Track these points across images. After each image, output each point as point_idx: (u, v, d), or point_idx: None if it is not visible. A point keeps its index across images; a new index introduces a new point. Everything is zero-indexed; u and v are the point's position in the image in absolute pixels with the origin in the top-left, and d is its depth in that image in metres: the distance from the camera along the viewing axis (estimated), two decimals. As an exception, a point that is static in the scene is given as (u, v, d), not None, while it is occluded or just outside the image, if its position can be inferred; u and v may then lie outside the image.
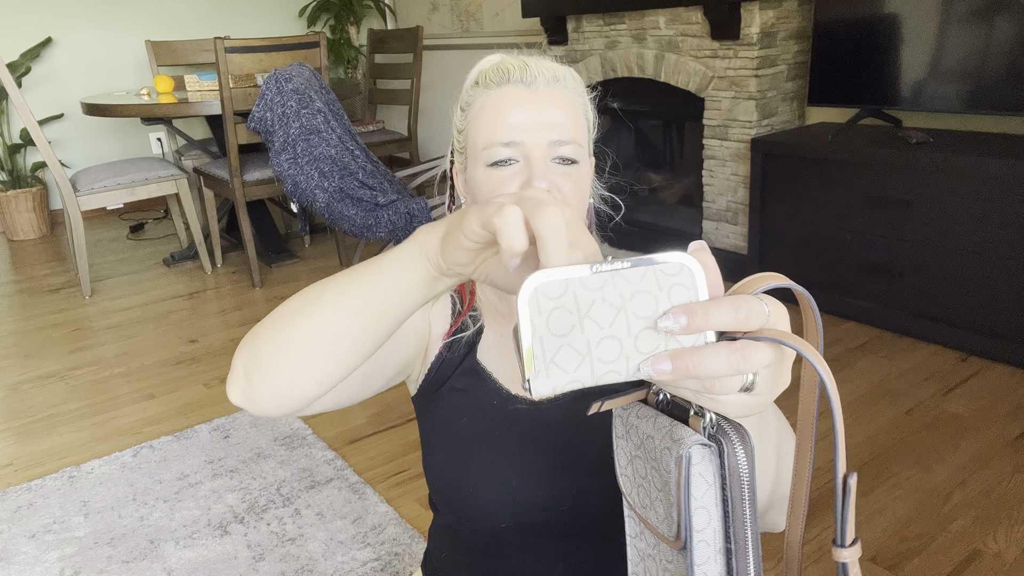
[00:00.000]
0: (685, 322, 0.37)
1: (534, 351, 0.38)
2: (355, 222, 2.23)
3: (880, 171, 2.27)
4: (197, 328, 2.82)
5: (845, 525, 0.42)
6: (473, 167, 0.72)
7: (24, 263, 3.78)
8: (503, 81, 0.71)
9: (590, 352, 0.38)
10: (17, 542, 1.66)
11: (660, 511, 0.44)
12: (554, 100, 0.70)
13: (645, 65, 2.98)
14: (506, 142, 0.69)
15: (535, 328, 0.38)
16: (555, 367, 0.38)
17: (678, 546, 0.43)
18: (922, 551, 1.46)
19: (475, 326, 0.80)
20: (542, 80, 0.70)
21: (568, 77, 0.73)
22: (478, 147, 0.71)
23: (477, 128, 0.72)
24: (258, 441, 2.00)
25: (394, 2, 4.99)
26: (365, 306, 0.51)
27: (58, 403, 2.30)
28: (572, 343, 0.38)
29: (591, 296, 0.38)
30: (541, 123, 0.69)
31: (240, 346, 0.57)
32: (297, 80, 2.28)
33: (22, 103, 2.88)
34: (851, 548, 0.42)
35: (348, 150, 2.26)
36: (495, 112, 0.70)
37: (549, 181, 0.68)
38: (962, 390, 2.02)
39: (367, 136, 3.64)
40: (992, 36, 2.10)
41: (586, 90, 0.76)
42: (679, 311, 0.37)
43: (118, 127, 4.57)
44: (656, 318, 0.38)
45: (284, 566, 1.53)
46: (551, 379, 0.38)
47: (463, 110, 0.75)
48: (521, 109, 0.69)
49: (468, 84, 0.74)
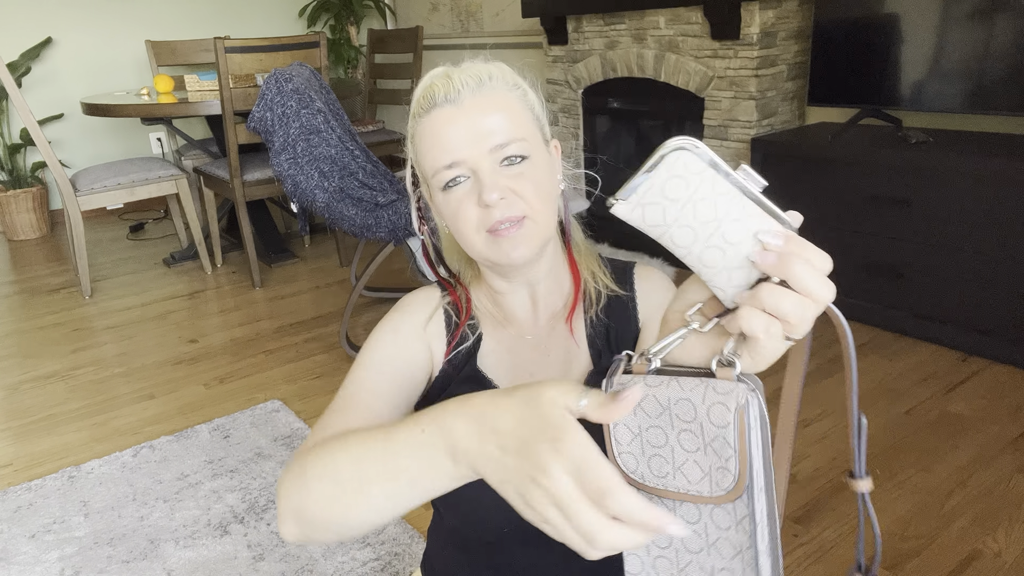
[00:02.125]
0: (782, 244, 0.41)
1: (639, 187, 0.42)
2: (355, 222, 2.22)
3: (880, 171, 2.27)
4: (197, 328, 2.82)
5: (862, 459, 0.47)
6: (434, 193, 0.74)
7: (24, 263, 3.78)
8: (431, 106, 0.71)
9: (669, 225, 0.42)
10: (17, 542, 1.66)
11: (695, 473, 0.45)
12: (483, 106, 0.70)
13: (645, 65, 2.98)
14: (448, 164, 0.70)
15: (654, 176, 0.41)
16: (640, 209, 0.42)
17: (733, 497, 0.44)
18: (922, 551, 1.46)
19: (474, 335, 0.80)
20: (467, 91, 0.70)
21: (496, 76, 0.73)
22: (428, 175, 0.73)
23: (423, 158, 0.73)
24: (258, 441, 2.00)
25: (394, 2, 4.99)
26: (397, 494, 0.51)
27: (58, 403, 2.30)
28: (666, 209, 0.42)
29: (709, 192, 0.41)
30: (475, 134, 0.69)
31: (285, 504, 0.58)
32: (297, 80, 2.28)
33: (22, 103, 2.88)
34: (866, 479, 0.48)
35: (348, 150, 2.25)
36: (432, 139, 0.71)
37: (499, 189, 0.69)
38: (962, 390, 2.02)
39: (367, 136, 3.64)
40: (992, 36, 2.10)
41: (522, 79, 0.76)
42: (782, 234, 0.41)
43: (118, 127, 4.57)
44: (739, 242, 0.41)
45: (284, 566, 1.53)
46: (631, 211, 0.42)
47: (411, 143, 0.76)
48: (453, 128, 0.70)
49: (409, 116, 0.75)
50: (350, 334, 2.63)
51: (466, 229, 0.71)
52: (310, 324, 2.78)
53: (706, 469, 0.44)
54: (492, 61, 0.75)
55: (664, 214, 0.42)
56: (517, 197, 0.70)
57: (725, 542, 0.45)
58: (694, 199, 0.41)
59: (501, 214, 0.69)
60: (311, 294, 3.10)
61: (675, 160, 0.41)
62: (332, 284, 3.20)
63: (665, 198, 0.41)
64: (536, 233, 0.71)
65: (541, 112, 0.77)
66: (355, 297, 2.45)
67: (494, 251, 0.71)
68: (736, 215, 0.41)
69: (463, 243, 0.73)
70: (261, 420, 2.11)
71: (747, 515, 0.44)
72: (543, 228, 0.72)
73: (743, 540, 0.44)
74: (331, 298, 3.03)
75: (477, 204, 0.70)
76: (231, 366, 2.49)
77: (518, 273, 0.76)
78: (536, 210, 0.71)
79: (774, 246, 0.41)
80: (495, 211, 0.69)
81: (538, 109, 0.76)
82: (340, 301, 2.98)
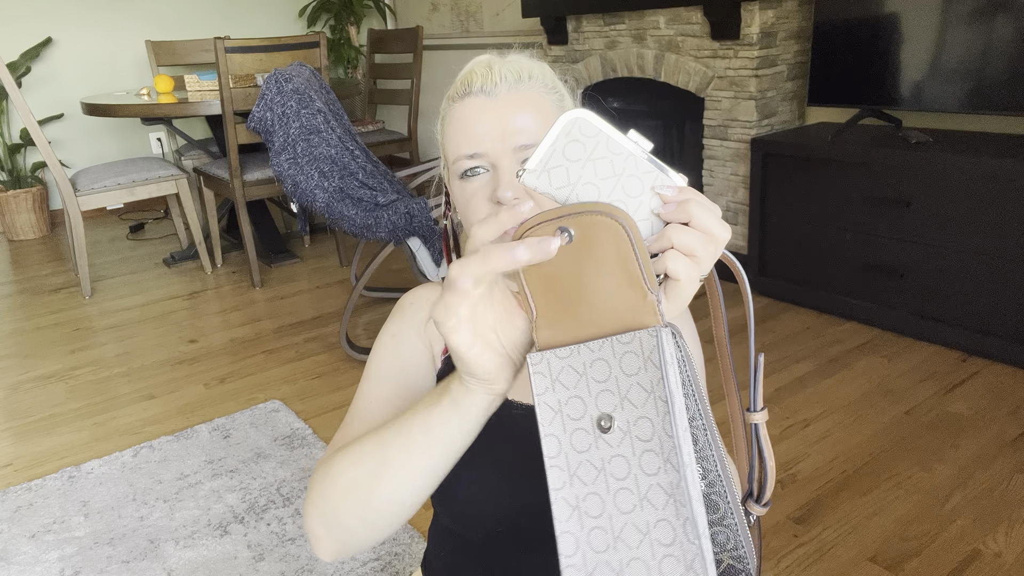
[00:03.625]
0: (677, 193, 0.46)
1: (542, 154, 0.46)
2: (355, 222, 2.22)
3: (880, 171, 2.27)
4: (197, 328, 2.82)
5: (756, 395, 0.53)
6: (451, 179, 0.74)
7: (24, 263, 3.78)
8: (466, 93, 0.71)
9: (574, 184, 0.46)
10: (17, 542, 1.66)
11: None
12: (517, 104, 0.70)
13: (645, 65, 2.98)
14: (470, 154, 0.70)
15: (556, 143, 0.46)
16: (546, 174, 0.47)
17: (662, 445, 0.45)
18: (922, 551, 1.46)
19: None
20: (504, 85, 0.71)
21: (536, 75, 0.73)
22: (450, 160, 0.73)
23: (448, 142, 0.73)
24: (258, 441, 2.00)
25: (394, 2, 4.99)
26: (431, 464, 0.55)
27: (58, 403, 2.30)
28: (568, 169, 0.46)
29: (605, 152, 0.46)
30: (503, 130, 0.69)
31: (313, 516, 0.61)
32: (297, 80, 2.28)
33: (22, 103, 2.88)
34: (760, 412, 0.53)
35: (348, 150, 2.25)
36: (460, 125, 0.71)
37: (515, 188, 0.69)
38: (962, 390, 2.02)
39: (367, 136, 3.64)
40: (992, 36, 2.10)
41: (561, 82, 0.76)
42: (676, 186, 0.46)
43: (118, 127, 4.57)
44: (638, 195, 0.46)
45: (284, 566, 1.53)
46: (538, 177, 0.47)
47: (441, 124, 0.76)
48: (483, 119, 0.70)
49: (445, 97, 0.76)
50: (350, 334, 2.63)
51: (474, 220, 0.71)
52: (310, 324, 2.78)
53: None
54: (536, 59, 0.75)
55: (568, 174, 0.46)
56: (531, 199, 0.70)
57: (657, 489, 0.45)
58: (593, 158, 0.46)
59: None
60: (311, 294, 3.10)
61: (572, 126, 0.46)
62: (332, 284, 3.21)
63: (567, 159, 0.46)
64: None
65: None
66: (355, 297, 2.45)
67: None
68: (632, 171, 0.46)
69: (468, 233, 0.74)
70: (261, 420, 2.11)
71: (674, 450, 0.44)
72: None
73: (674, 479, 0.44)
74: (331, 298, 3.03)
75: (490, 199, 0.70)
76: (231, 366, 2.49)
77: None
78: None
79: (671, 195, 0.46)
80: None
81: None
82: (340, 301, 2.98)
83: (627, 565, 0.44)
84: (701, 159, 2.89)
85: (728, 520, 0.51)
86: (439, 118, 0.77)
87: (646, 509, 0.44)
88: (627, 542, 0.45)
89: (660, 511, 0.44)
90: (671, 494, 0.44)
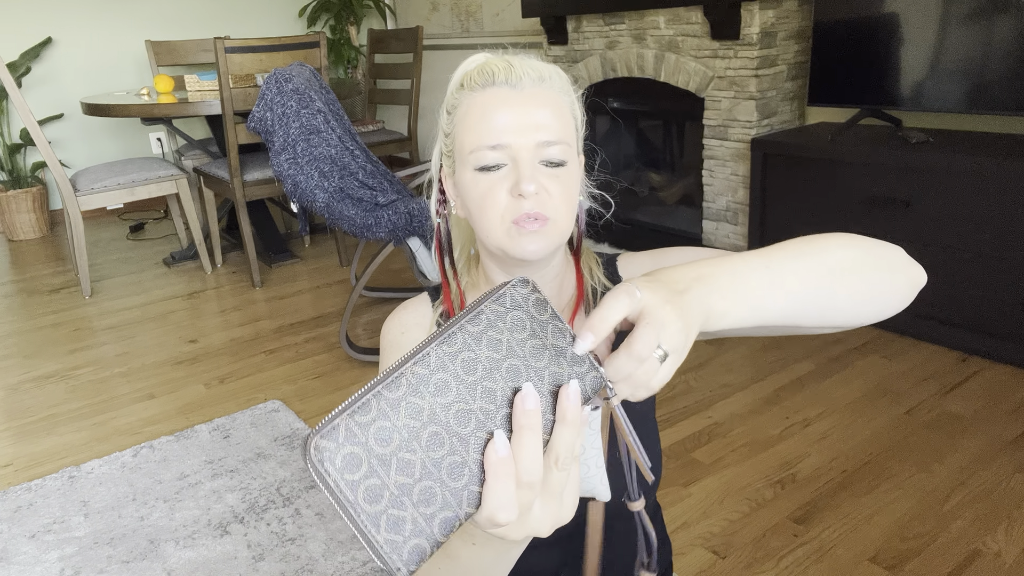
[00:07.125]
0: (592, 339, 0.45)
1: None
2: (355, 222, 2.22)
3: (880, 171, 2.27)
4: (197, 328, 2.82)
5: (634, 486, 0.59)
6: (461, 171, 0.72)
7: (24, 263, 3.78)
8: (488, 83, 0.70)
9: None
10: (17, 542, 1.66)
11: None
12: (540, 100, 0.70)
13: (645, 65, 2.98)
14: (492, 145, 0.69)
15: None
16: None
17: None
18: (922, 551, 1.46)
19: None
20: (528, 80, 0.70)
21: (555, 76, 0.72)
22: (465, 151, 0.71)
23: (464, 131, 0.71)
24: (258, 441, 2.00)
25: (394, 2, 4.99)
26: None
27: (58, 403, 2.30)
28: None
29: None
30: (528, 124, 0.68)
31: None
32: (297, 80, 2.28)
33: (22, 103, 2.88)
34: (639, 501, 0.60)
35: (348, 150, 2.25)
36: (481, 115, 0.70)
37: (537, 183, 0.68)
38: (962, 390, 2.02)
39: (367, 136, 3.64)
40: (992, 36, 2.10)
41: (573, 88, 0.76)
42: (586, 331, 0.45)
43: (118, 127, 4.57)
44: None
45: (284, 566, 1.53)
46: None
47: (449, 113, 0.74)
48: (507, 111, 0.69)
49: (453, 86, 0.74)
50: (350, 334, 2.63)
51: (492, 214, 0.70)
52: (310, 324, 2.78)
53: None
54: (548, 63, 0.75)
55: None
56: (549, 196, 0.70)
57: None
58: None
59: (531, 207, 0.68)
60: (311, 294, 3.10)
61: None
62: (332, 284, 3.21)
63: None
64: (555, 236, 0.71)
65: (580, 125, 0.77)
66: (355, 297, 2.45)
67: (512, 242, 0.70)
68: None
69: (481, 227, 0.72)
70: (261, 420, 2.11)
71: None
72: (561, 233, 0.72)
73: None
74: (331, 298, 3.03)
75: (509, 192, 0.69)
76: (231, 366, 2.49)
77: (523, 270, 0.76)
78: (561, 214, 0.70)
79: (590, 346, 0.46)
80: (526, 203, 0.68)
81: (579, 120, 0.76)
82: (340, 301, 2.98)
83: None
84: (701, 159, 2.89)
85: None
86: (443, 107, 0.75)
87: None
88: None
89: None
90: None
